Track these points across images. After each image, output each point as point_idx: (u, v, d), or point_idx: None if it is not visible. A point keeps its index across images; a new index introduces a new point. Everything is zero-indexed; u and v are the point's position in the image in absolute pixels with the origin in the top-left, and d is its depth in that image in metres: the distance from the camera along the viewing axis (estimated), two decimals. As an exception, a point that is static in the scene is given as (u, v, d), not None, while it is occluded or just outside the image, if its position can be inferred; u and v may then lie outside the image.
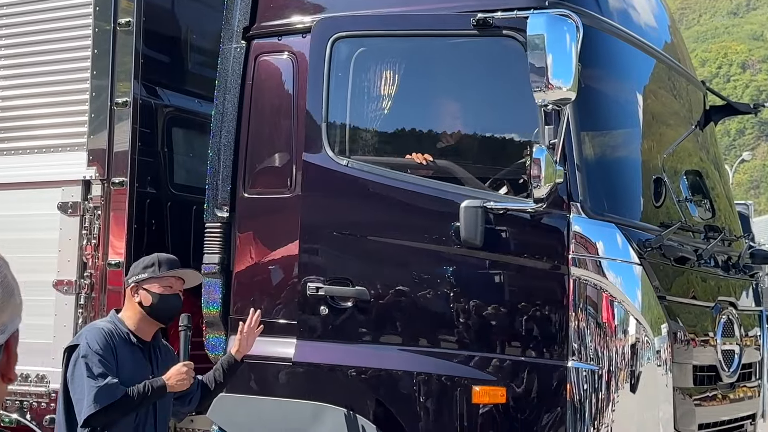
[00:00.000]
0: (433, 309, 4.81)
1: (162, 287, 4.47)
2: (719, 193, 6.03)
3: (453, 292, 4.78)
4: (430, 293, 4.82)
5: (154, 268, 4.49)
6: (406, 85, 5.13)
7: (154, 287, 4.46)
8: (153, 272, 4.48)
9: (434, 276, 4.85)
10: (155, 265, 4.50)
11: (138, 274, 4.50)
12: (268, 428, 5.22)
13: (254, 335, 4.76)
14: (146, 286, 4.46)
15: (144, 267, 4.52)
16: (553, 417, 4.51)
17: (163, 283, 4.48)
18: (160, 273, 4.48)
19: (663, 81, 5.68)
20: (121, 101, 5.71)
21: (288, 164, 5.20)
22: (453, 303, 4.76)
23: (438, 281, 4.83)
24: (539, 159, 4.32)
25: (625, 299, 4.52)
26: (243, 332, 4.73)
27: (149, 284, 4.46)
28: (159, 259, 4.54)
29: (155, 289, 4.45)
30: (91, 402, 4.19)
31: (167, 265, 4.53)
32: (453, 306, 4.76)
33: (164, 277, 4.49)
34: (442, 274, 4.84)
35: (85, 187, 5.77)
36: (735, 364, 5.20)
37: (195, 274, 4.73)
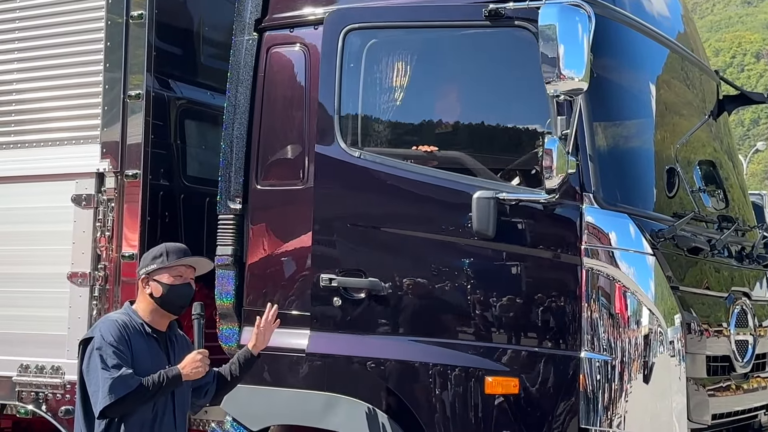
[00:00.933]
0: (445, 300, 4.82)
1: (172, 277, 4.47)
2: (733, 184, 6.01)
3: (465, 283, 4.79)
4: (443, 284, 4.83)
5: (163, 258, 4.49)
6: (418, 77, 5.13)
7: (164, 278, 4.46)
8: (162, 262, 4.48)
9: (446, 267, 4.86)
10: (164, 255, 4.50)
11: (147, 266, 4.51)
12: (281, 419, 5.24)
13: (271, 330, 4.77)
14: (156, 277, 4.47)
15: (153, 258, 4.53)
16: (566, 407, 4.51)
17: (173, 272, 4.49)
18: (169, 263, 4.48)
19: (676, 71, 5.66)
20: (134, 94, 5.73)
21: (300, 156, 5.22)
22: (465, 294, 4.77)
23: (450, 272, 4.84)
24: (551, 149, 4.32)
25: (638, 290, 4.51)
26: (260, 326, 4.74)
27: (159, 275, 4.47)
28: (167, 249, 4.54)
29: (165, 279, 4.46)
30: (106, 393, 4.21)
31: (176, 255, 4.52)
32: (465, 297, 4.77)
33: (174, 267, 4.49)
34: (455, 265, 4.85)
35: (99, 179, 5.80)
36: (749, 354, 5.18)
37: (205, 261, 4.72)
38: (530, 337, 4.64)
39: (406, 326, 4.88)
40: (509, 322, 4.69)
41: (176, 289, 4.48)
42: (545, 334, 4.61)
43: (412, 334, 4.86)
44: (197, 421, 5.59)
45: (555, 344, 4.58)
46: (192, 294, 4.57)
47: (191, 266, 4.58)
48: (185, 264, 4.54)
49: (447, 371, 4.74)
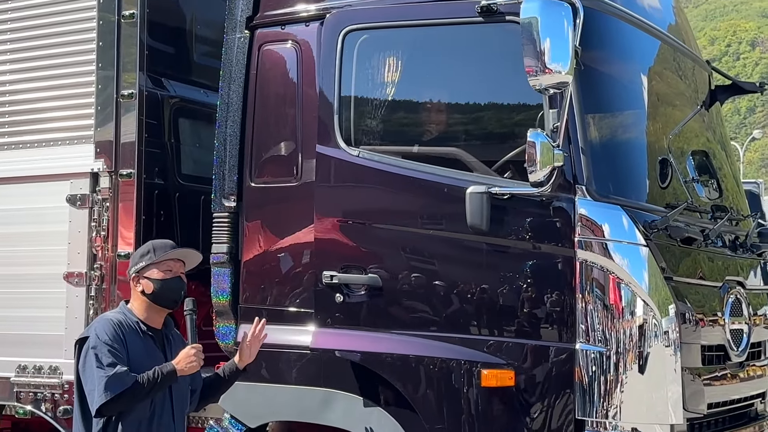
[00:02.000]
0: (442, 294, 4.84)
1: (162, 272, 4.49)
2: (726, 174, 6.03)
3: (461, 278, 4.81)
4: (439, 279, 4.85)
5: (150, 255, 4.51)
6: (416, 76, 5.16)
7: (153, 273, 4.48)
8: (150, 259, 4.50)
9: (443, 262, 4.89)
10: (151, 252, 4.53)
11: (136, 264, 4.53)
12: (279, 415, 5.27)
13: (258, 344, 4.76)
14: (146, 274, 4.49)
15: (141, 256, 4.55)
16: (561, 399, 4.53)
17: (161, 267, 4.50)
18: (157, 258, 4.50)
19: (667, 62, 5.67)
20: (127, 93, 5.74)
21: (294, 153, 5.23)
22: (462, 288, 4.79)
23: (446, 267, 4.87)
24: (534, 142, 4.34)
25: (631, 281, 4.53)
26: (247, 341, 4.74)
27: (149, 271, 4.49)
28: (154, 246, 4.56)
29: (155, 275, 4.48)
30: (102, 391, 4.23)
31: (163, 249, 4.54)
32: (461, 291, 4.79)
33: (162, 262, 4.51)
34: (451, 259, 4.88)
35: (93, 179, 5.82)
36: (744, 343, 5.20)
37: (193, 253, 4.71)
38: (525, 330, 4.66)
39: (404, 321, 4.90)
40: (504, 315, 4.71)
41: (167, 283, 4.49)
42: (540, 326, 4.63)
43: (410, 328, 4.88)
44: (195, 419, 5.60)
45: (550, 336, 4.61)
46: (183, 287, 4.58)
47: (180, 260, 4.59)
48: (173, 258, 4.56)
49: (444, 365, 4.76)
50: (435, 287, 4.84)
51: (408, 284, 4.89)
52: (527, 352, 4.62)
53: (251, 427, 5.23)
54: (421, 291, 4.87)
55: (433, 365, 4.77)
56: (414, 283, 4.88)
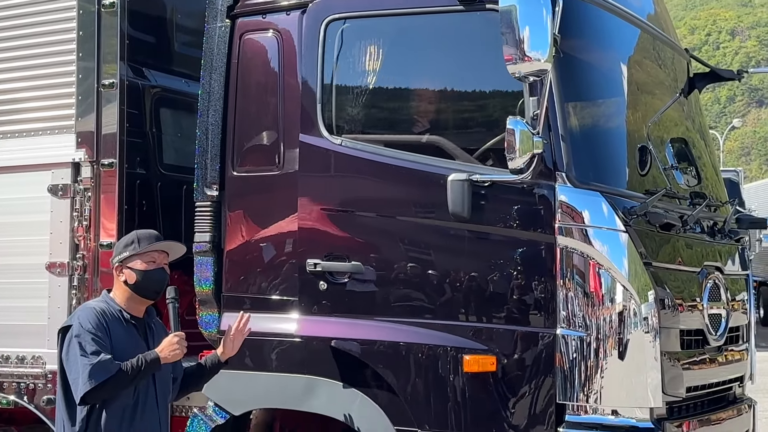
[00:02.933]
0: (424, 281, 4.87)
1: (145, 263, 4.50)
2: (705, 162, 6.08)
3: (443, 264, 4.85)
4: (422, 266, 4.88)
5: (135, 245, 4.52)
6: (398, 64, 5.18)
7: (137, 264, 4.49)
8: (134, 249, 4.51)
9: (425, 249, 4.92)
10: (135, 242, 4.54)
11: (120, 254, 4.54)
12: (263, 403, 5.29)
13: (241, 338, 4.78)
14: (130, 265, 4.50)
15: (125, 246, 4.56)
16: (542, 383, 4.58)
17: (145, 258, 4.51)
18: (141, 249, 4.51)
19: (647, 50, 5.71)
20: (108, 83, 5.73)
21: (275, 142, 5.25)
22: (444, 275, 4.83)
23: (428, 254, 4.91)
24: (513, 130, 4.38)
25: (611, 266, 4.58)
26: (231, 334, 4.75)
27: (132, 262, 4.50)
28: (138, 236, 4.57)
29: (138, 265, 4.49)
30: (86, 379, 4.24)
31: (147, 240, 4.55)
32: (444, 278, 4.82)
33: (146, 253, 4.52)
34: (433, 246, 4.91)
35: (75, 169, 5.80)
36: (722, 327, 5.26)
37: (177, 245, 4.73)
38: (507, 316, 4.70)
39: (386, 308, 4.93)
40: (486, 301, 4.75)
41: (150, 274, 4.51)
42: (521, 312, 4.67)
43: (393, 315, 4.91)
44: (179, 408, 5.62)
45: (531, 322, 4.65)
46: (166, 279, 4.59)
47: (164, 251, 4.61)
48: (157, 249, 4.57)
49: (427, 351, 4.79)
50: (417, 274, 4.88)
51: (390, 271, 4.92)
52: (509, 338, 4.66)
53: (235, 414, 5.25)
54: (403, 278, 4.90)
55: (415, 351, 4.81)
56: (396, 270, 4.91)
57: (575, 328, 4.57)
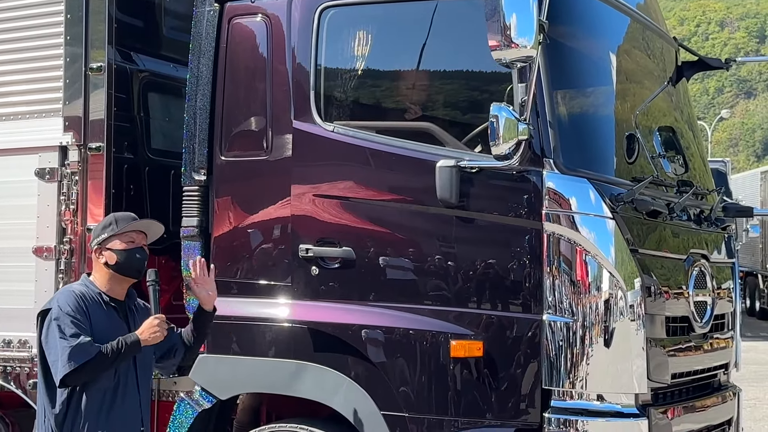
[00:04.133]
0: (414, 267, 4.88)
1: (124, 243, 4.51)
2: (693, 151, 6.10)
3: (432, 250, 4.86)
4: (409, 252, 4.90)
5: (113, 227, 4.54)
6: (390, 51, 5.18)
7: (116, 245, 4.50)
8: (112, 230, 4.53)
9: (413, 234, 4.94)
10: (113, 224, 4.56)
11: (99, 236, 4.55)
12: (250, 387, 5.30)
13: (208, 282, 4.68)
14: (109, 246, 4.51)
15: (103, 227, 4.58)
16: (529, 369, 4.60)
17: (123, 239, 4.52)
18: (119, 229, 4.53)
19: (635, 37, 5.72)
20: (96, 67, 5.71)
21: (263, 127, 5.24)
22: (432, 261, 4.84)
23: (417, 240, 4.92)
24: (497, 116, 4.38)
25: (598, 253, 4.59)
26: (196, 282, 4.68)
27: (111, 243, 4.51)
28: (116, 218, 4.60)
29: (117, 246, 4.50)
30: (65, 362, 4.24)
31: (125, 221, 4.58)
32: (432, 264, 4.83)
33: (124, 233, 4.53)
34: (421, 232, 4.92)
35: (62, 153, 5.79)
36: (707, 315, 5.29)
37: (155, 224, 4.73)
38: (494, 302, 4.72)
39: (376, 293, 4.94)
40: (474, 287, 4.76)
41: (130, 253, 4.51)
42: (508, 298, 4.69)
43: (383, 300, 4.92)
44: (166, 392, 5.62)
45: (518, 308, 4.67)
46: (146, 258, 4.60)
47: (142, 231, 4.62)
48: (135, 229, 4.58)
49: (415, 336, 4.81)
50: (406, 260, 4.89)
51: (381, 257, 4.93)
52: (496, 324, 4.68)
53: (222, 399, 5.26)
54: (393, 263, 4.91)
55: (403, 336, 4.82)
56: (386, 255, 4.92)
57: (562, 314, 4.59)
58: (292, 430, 4.98)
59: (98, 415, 4.36)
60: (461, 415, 4.71)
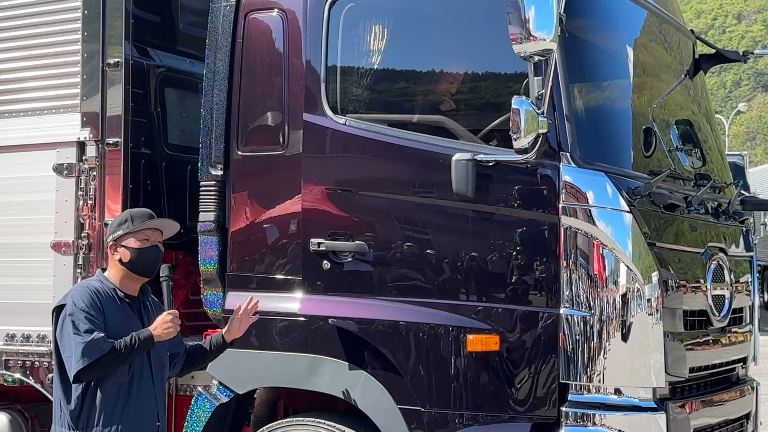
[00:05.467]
0: (428, 261, 4.88)
1: (139, 241, 4.53)
2: (710, 145, 6.07)
3: (448, 244, 4.86)
4: (426, 246, 4.89)
5: (128, 224, 4.55)
6: (403, 44, 5.18)
7: (131, 242, 4.52)
8: (128, 227, 4.54)
9: (429, 229, 4.93)
10: (129, 221, 4.56)
11: (114, 233, 4.57)
12: (267, 381, 5.32)
13: (248, 321, 4.78)
14: (124, 243, 4.52)
15: (118, 224, 4.59)
16: (545, 363, 4.59)
17: (139, 237, 4.53)
18: (134, 227, 4.54)
19: (652, 30, 5.69)
20: (113, 62, 5.73)
21: (280, 122, 5.25)
22: (447, 255, 4.83)
23: (433, 234, 4.91)
24: (518, 109, 4.37)
25: (615, 247, 4.58)
26: (239, 314, 4.75)
27: (126, 240, 4.52)
28: (132, 215, 4.61)
29: (132, 243, 4.51)
30: (79, 357, 4.26)
31: (141, 219, 4.58)
32: (447, 258, 4.83)
33: (140, 231, 4.54)
34: (437, 226, 4.92)
35: (80, 148, 5.81)
36: (725, 308, 5.26)
37: (171, 223, 4.75)
38: (510, 295, 4.71)
39: (390, 287, 4.94)
40: (490, 281, 4.76)
41: (144, 252, 4.53)
42: (525, 292, 4.68)
43: (397, 294, 4.92)
44: (184, 386, 5.65)
45: (535, 302, 4.66)
46: (160, 256, 4.61)
47: (157, 229, 4.63)
48: (151, 227, 4.59)
49: (430, 330, 4.80)
50: (421, 254, 4.88)
51: (394, 251, 4.93)
52: (512, 318, 4.67)
53: (239, 393, 5.27)
54: (407, 258, 4.91)
55: (419, 331, 4.82)
56: (400, 249, 4.92)
57: (579, 308, 4.57)
58: (309, 424, 4.99)
59: (113, 409, 4.38)
60: (478, 409, 4.71)
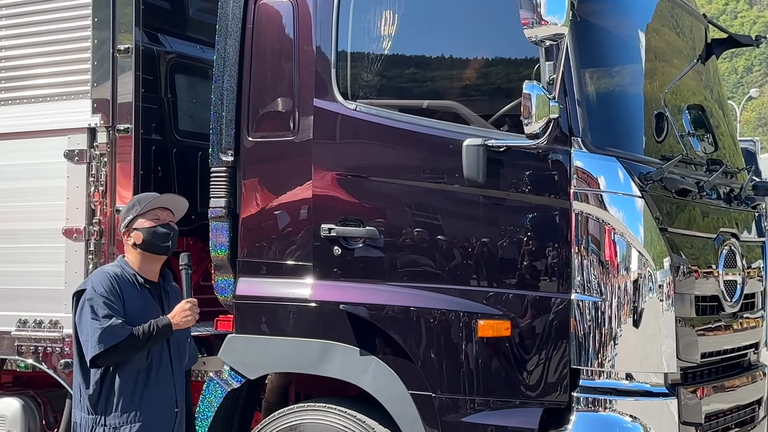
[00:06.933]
0: (439, 247, 4.87)
1: (150, 221, 4.57)
2: (723, 130, 6.04)
3: (458, 230, 4.85)
4: (437, 231, 4.88)
5: (137, 207, 4.61)
6: (413, 29, 5.15)
7: (142, 224, 4.57)
8: (136, 211, 4.60)
9: (440, 214, 4.92)
10: (137, 205, 4.64)
11: (124, 219, 4.63)
12: (278, 367, 5.33)
13: None
14: (135, 226, 4.57)
15: (128, 210, 4.66)
16: (557, 348, 4.58)
17: (149, 217, 4.58)
18: (142, 209, 4.58)
19: (664, 15, 5.66)
20: (124, 48, 5.73)
21: (290, 107, 5.24)
22: (458, 240, 4.83)
23: (443, 219, 4.90)
24: (530, 94, 4.35)
25: (626, 232, 4.56)
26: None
27: (137, 222, 4.58)
28: (138, 199, 4.70)
29: (144, 224, 4.57)
30: (95, 343, 4.29)
31: (147, 200, 4.65)
32: (458, 243, 4.82)
33: (149, 211, 4.59)
34: (448, 212, 4.90)
35: (91, 134, 5.82)
36: (737, 294, 5.25)
37: (179, 199, 4.79)
38: (521, 281, 4.70)
39: (401, 273, 4.93)
40: (501, 267, 4.75)
41: (156, 230, 4.57)
42: (536, 277, 4.67)
43: (408, 280, 4.92)
44: (195, 372, 5.64)
45: (546, 287, 4.65)
46: (174, 233, 4.64)
47: (167, 208, 4.66)
48: (159, 206, 4.63)
49: (441, 316, 4.80)
50: (431, 239, 4.88)
51: (405, 236, 4.92)
52: (523, 303, 4.67)
53: (251, 378, 5.28)
54: (417, 243, 4.90)
55: (430, 316, 4.82)
56: (411, 235, 4.91)
57: (590, 293, 4.57)
58: (320, 409, 5.00)
59: (132, 395, 4.41)
60: (489, 394, 4.71)
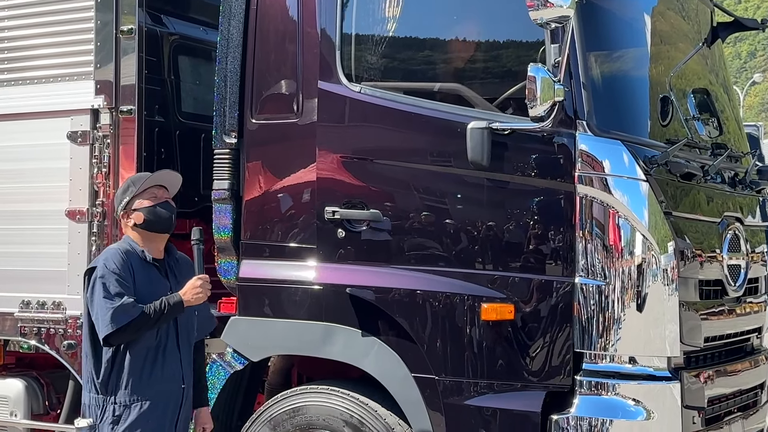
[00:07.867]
0: (443, 230, 4.86)
1: (147, 200, 4.58)
2: (728, 115, 6.02)
3: (462, 213, 4.84)
4: (441, 214, 4.87)
5: (131, 188, 4.62)
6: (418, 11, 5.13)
7: (140, 204, 4.57)
8: (132, 192, 4.60)
9: (444, 197, 4.91)
10: (131, 186, 4.64)
11: (120, 202, 4.63)
12: (281, 349, 5.33)
13: None
14: (134, 207, 4.58)
15: (123, 192, 4.67)
16: (560, 332, 4.58)
17: (146, 196, 4.59)
18: (138, 188, 4.58)
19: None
20: (127, 30, 5.71)
21: (294, 89, 5.22)
22: (462, 223, 4.82)
23: (447, 202, 4.89)
24: (534, 77, 4.33)
25: (631, 216, 4.55)
26: None
27: (136, 203, 4.58)
28: (132, 180, 4.71)
29: (142, 204, 4.57)
30: (108, 322, 4.30)
31: (141, 180, 4.66)
32: (462, 226, 4.81)
33: (145, 190, 4.59)
34: (452, 195, 4.89)
35: (94, 116, 5.80)
36: (741, 278, 5.24)
37: (172, 174, 4.80)
38: (525, 264, 4.69)
39: (404, 256, 4.93)
40: (505, 250, 4.74)
41: (155, 209, 4.57)
42: (540, 260, 4.66)
43: (411, 263, 4.91)
44: (198, 354, 5.66)
45: (550, 271, 4.64)
46: (173, 210, 4.65)
47: (162, 186, 4.66)
48: (154, 184, 4.63)
49: (445, 299, 4.80)
50: (435, 223, 4.87)
51: (409, 219, 4.91)
52: (527, 286, 4.66)
53: (254, 361, 5.29)
54: (421, 226, 4.89)
55: (433, 299, 4.82)
56: (415, 218, 4.90)
57: (594, 277, 4.56)
58: (323, 391, 5.01)
59: (141, 372, 4.44)
60: (492, 377, 4.71)
